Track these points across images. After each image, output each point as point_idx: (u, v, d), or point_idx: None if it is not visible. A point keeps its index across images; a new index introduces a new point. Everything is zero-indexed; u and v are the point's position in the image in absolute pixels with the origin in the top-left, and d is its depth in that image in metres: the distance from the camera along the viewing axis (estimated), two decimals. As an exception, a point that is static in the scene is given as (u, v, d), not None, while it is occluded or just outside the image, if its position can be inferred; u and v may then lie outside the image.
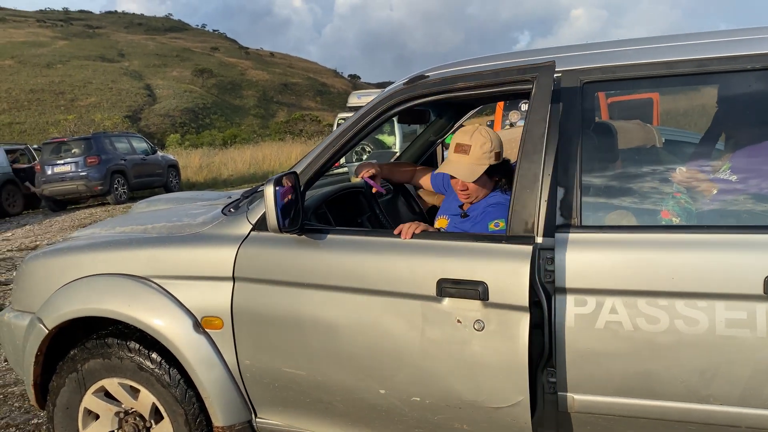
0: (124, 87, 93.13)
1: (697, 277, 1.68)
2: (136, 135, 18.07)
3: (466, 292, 1.84)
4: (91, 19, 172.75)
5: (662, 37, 1.91)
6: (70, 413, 2.53)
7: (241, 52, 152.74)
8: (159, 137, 64.21)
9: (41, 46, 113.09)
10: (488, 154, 2.27)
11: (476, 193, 2.36)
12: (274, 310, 2.14)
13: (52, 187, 14.39)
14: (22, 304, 2.64)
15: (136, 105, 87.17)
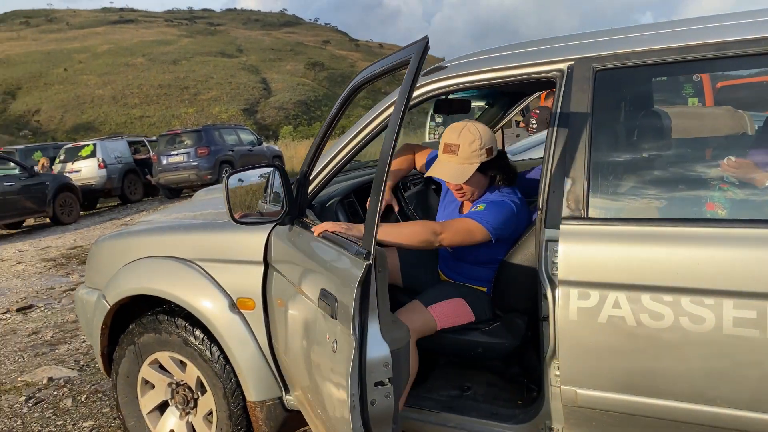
0: (242, 81, 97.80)
1: (703, 273, 1.60)
2: (244, 127, 19.01)
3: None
4: (213, 17, 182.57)
5: (682, 21, 1.81)
6: (130, 381, 2.79)
7: (351, 44, 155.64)
8: (273, 129, 67.06)
9: (168, 44, 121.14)
10: (478, 152, 2.21)
11: (471, 190, 2.30)
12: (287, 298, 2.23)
13: (167, 176, 15.48)
14: (92, 281, 2.93)
15: (253, 98, 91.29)
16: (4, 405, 3.86)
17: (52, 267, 8.76)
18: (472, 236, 2.15)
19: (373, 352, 1.58)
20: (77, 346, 5.00)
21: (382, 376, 1.59)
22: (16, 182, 12.28)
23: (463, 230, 2.15)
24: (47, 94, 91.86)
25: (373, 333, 1.58)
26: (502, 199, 2.24)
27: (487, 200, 2.26)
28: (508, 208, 2.21)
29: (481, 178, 2.29)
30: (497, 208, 2.19)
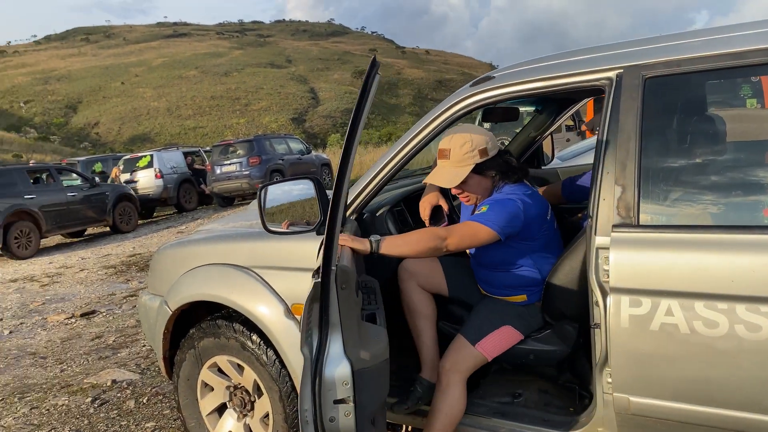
0: (290, 91, 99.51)
1: (760, 281, 1.58)
2: (293, 136, 19.34)
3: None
4: (262, 28, 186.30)
5: (733, 27, 1.79)
6: (190, 384, 2.90)
7: (397, 51, 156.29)
8: (321, 137, 67.94)
9: (220, 56, 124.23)
10: (470, 154, 2.23)
11: (474, 193, 2.32)
12: None
13: (221, 185, 15.88)
14: (154, 288, 3.07)
15: (301, 107, 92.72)
16: (72, 405, 4.06)
17: (113, 274, 9.11)
18: (477, 238, 2.16)
19: (331, 369, 1.58)
20: (138, 350, 5.20)
21: (342, 393, 1.59)
22: (78, 193, 12.83)
23: (467, 233, 2.15)
24: (106, 107, 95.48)
25: (333, 350, 1.59)
26: (504, 197, 2.23)
27: (491, 200, 2.25)
28: (511, 204, 2.20)
29: (482, 180, 2.31)
30: (500, 206, 2.18)
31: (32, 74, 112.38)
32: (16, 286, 8.84)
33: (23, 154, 42.41)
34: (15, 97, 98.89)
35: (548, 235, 2.33)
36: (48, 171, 13.03)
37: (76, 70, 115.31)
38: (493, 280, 2.44)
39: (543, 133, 3.41)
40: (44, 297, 7.90)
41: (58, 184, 12.71)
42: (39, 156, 40.76)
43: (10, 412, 4.06)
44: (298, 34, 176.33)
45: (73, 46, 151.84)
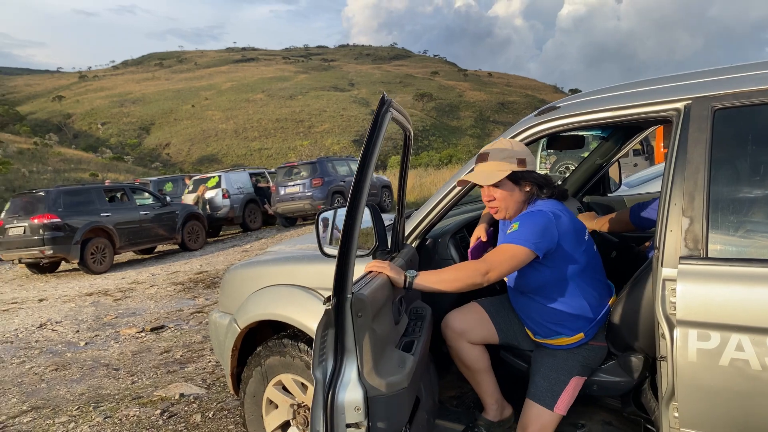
0: (353, 114, 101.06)
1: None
2: (355, 158, 19.64)
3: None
4: (327, 53, 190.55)
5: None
6: (256, 401, 2.99)
7: (459, 74, 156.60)
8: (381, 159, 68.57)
9: (285, 80, 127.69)
10: (509, 160, 2.18)
11: (505, 203, 2.24)
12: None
13: (284, 206, 16.26)
14: (224, 306, 3.20)
15: (363, 130, 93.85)
16: (143, 417, 4.23)
17: (181, 290, 9.45)
18: (517, 260, 2.08)
19: (343, 394, 1.62)
20: (204, 366, 5.37)
21: (354, 418, 1.61)
22: (150, 211, 13.41)
23: (504, 259, 2.07)
24: (177, 128, 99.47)
25: (348, 375, 1.63)
26: (534, 210, 2.18)
27: (521, 216, 2.19)
28: (542, 216, 2.13)
29: (515, 192, 2.24)
30: (530, 221, 2.12)
31: (110, 97, 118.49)
32: (91, 299, 9.29)
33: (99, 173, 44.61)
34: (93, 119, 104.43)
35: (588, 258, 2.24)
36: (123, 190, 13.68)
37: (150, 94, 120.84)
38: (537, 314, 2.32)
39: (609, 160, 3.38)
40: (117, 311, 8.26)
41: (132, 202, 13.32)
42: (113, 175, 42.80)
43: (85, 420, 4.27)
44: (361, 58, 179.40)
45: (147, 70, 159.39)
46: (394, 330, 2.00)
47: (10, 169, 31.07)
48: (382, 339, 1.79)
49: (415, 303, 2.43)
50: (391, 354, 1.85)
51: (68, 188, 12.69)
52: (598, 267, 2.32)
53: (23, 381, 5.36)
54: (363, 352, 1.66)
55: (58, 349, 6.41)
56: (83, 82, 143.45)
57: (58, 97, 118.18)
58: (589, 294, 2.24)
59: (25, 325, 7.68)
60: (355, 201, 1.69)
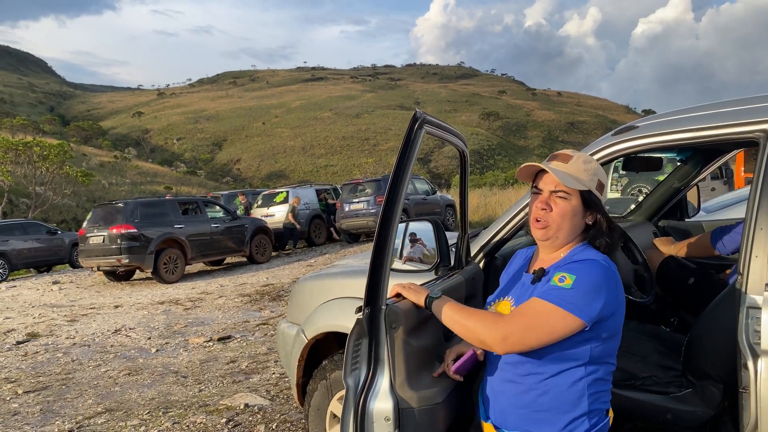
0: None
1: None
2: (419, 177, 19.68)
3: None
4: (394, 72, 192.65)
5: None
6: (320, 414, 3.02)
7: (527, 93, 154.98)
8: (446, 178, 68.53)
9: (352, 99, 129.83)
10: (591, 174, 1.69)
11: (561, 221, 1.67)
12: None
13: (348, 222, 16.44)
14: (292, 317, 3.26)
15: (428, 148, 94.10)
16: (209, 424, 4.34)
17: (248, 302, 9.67)
18: (557, 333, 1.54)
19: (374, 404, 1.63)
20: (268, 377, 5.47)
21: (384, 428, 1.62)
22: (221, 224, 13.83)
23: (541, 325, 1.54)
24: (247, 145, 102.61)
25: (380, 385, 1.64)
26: (590, 259, 1.62)
27: (576, 267, 1.60)
28: (603, 271, 1.59)
29: (578, 217, 1.68)
30: (589, 275, 1.56)
31: (185, 114, 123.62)
32: (163, 308, 9.63)
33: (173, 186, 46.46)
34: (170, 134, 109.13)
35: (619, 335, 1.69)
36: (196, 203, 14.18)
37: (223, 111, 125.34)
38: (529, 398, 1.65)
39: (687, 183, 3.27)
40: (187, 320, 8.54)
41: (204, 215, 13.79)
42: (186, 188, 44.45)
43: (155, 424, 4.42)
44: (428, 77, 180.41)
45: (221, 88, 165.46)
46: (443, 345, 2.00)
47: (92, 181, 32.81)
48: (422, 352, 1.80)
49: None
50: (433, 368, 1.87)
51: (145, 200, 13.27)
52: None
53: (98, 383, 5.61)
54: (396, 364, 1.68)
55: (131, 355, 6.67)
56: (161, 99, 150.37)
57: (137, 113, 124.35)
58: (601, 391, 1.66)
59: (101, 330, 8.04)
60: (388, 213, 1.71)
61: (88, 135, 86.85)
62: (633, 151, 2.13)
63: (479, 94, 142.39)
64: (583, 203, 1.68)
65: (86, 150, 65.74)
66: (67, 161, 28.35)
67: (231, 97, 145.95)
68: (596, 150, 2.21)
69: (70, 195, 31.36)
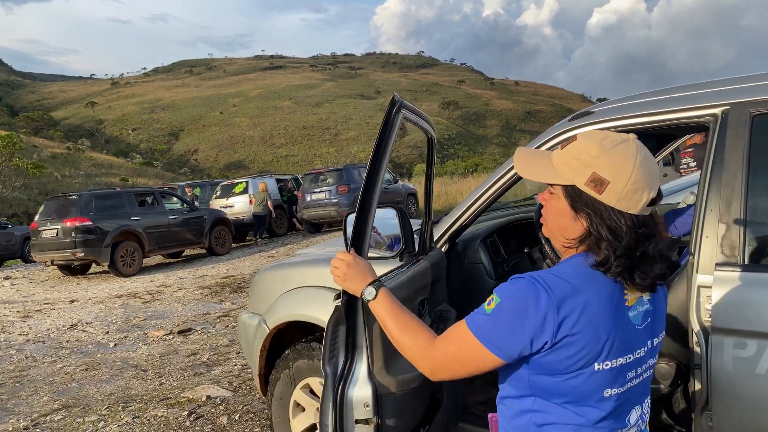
0: (378, 121, 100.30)
1: None
2: (382, 166, 19.68)
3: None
4: (354, 61, 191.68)
5: None
6: (283, 404, 3.01)
7: (486, 83, 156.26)
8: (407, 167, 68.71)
9: (312, 87, 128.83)
10: (581, 165, 1.22)
11: (551, 220, 1.32)
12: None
13: (310, 212, 16.36)
14: (253, 307, 3.23)
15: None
16: (170, 417, 4.28)
17: (208, 294, 9.55)
18: (477, 362, 1.26)
19: (353, 390, 1.63)
20: (230, 369, 5.42)
21: (363, 414, 1.62)
22: (179, 216, 13.59)
23: (460, 352, 1.28)
24: (205, 135, 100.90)
25: (358, 372, 1.64)
26: (517, 277, 1.25)
27: (501, 287, 1.26)
28: (525, 291, 1.21)
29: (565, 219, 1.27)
30: (507, 291, 1.23)
31: (140, 104, 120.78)
32: (121, 301, 9.44)
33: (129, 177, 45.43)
34: (125, 124, 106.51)
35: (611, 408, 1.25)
36: (153, 194, 13.90)
37: (179, 100, 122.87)
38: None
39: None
40: (146, 313, 8.39)
41: (162, 207, 13.52)
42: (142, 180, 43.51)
43: (114, 419, 4.34)
44: (388, 66, 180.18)
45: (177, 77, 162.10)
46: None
47: (44, 173, 31.83)
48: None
49: (440, 306, 2.44)
50: None
51: (100, 192, 12.94)
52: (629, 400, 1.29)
53: (54, 380, 5.47)
54: (374, 350, 1.67)
55: (89, 350, 6.53)
56: (115, 89, 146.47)
57: (90, 103, 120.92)
58: None
59: (56, 326, 7.83)
60: (366, 201, 1.71)
61: (38, 126, 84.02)
62: (588, 136, 2.16)
63: (439, 83, 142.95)
64: (569, 202, 1.26)
65: (37, 141, 63.64)
66: (16, 153, 27.41)
67: (187, 87, 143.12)
68: (553, 136, 2.24)
69: (21, 188, 30.42)
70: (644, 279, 1.21)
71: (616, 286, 1.23)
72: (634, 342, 1.24)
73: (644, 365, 1.29)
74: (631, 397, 1.27)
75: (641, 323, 1.26)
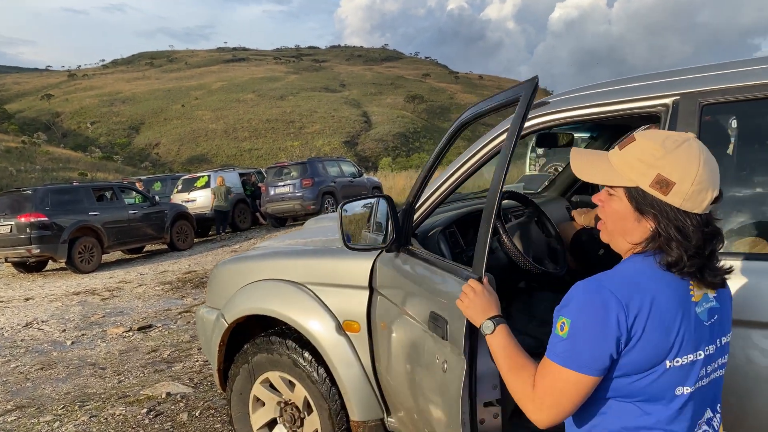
0: (344, 115, 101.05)
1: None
2: (346, 159, 19.64)
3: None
4: (318, 54, 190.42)
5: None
6: (243, 398, 2.98)
7: (450, 76, 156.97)
8: (373, 160, 68.71)
9: (276, 80, 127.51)
10: (645, 165, 1.22)
11: (611, 223, 1.31)
12: (391, 321, 2.33)
13: (274, 206, 16.22)
14: (212, 301, 3.18)
15: (354, 131, 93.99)
16: (129, 416, 4.20)
17: (169, 290, 9.40)
18: (576, 392, 1.23)
19: (482, 373, 1.63)
20: (191, 365, 5.34)
21: (490, 396, 1.63)
22: (139, 210, 13.32)
23: (557, 388, 1.23)
24: (166, 128, 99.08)
25: (483, 354, 1.63)
26: (579, 286, 1.27)
27: (568, 307, 1.25)
28: (591, 296, 1.23)
29: (628, 222, 1.27)
30: (575, 306, 1.24)
31: (99, 96, 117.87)
32: (78, 298, 9.22)
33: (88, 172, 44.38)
34: (83, 118, 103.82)
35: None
36: (111, 189, 13.59)
37: (140, 93, 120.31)
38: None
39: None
40: (104, 310, 8.21)
41: (121, 201, 13.23)
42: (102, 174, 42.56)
43: (70, 419, 4.23)
44: (352, 59, 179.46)
45: (138, 69, 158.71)
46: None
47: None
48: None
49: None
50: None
51: (56, 187, 12.59)
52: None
53: (8, 380, 5.31)
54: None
55: (44, 348, 6.36)
56: (72, 81, 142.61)
57: (46, 96, 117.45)
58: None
59: (11, 324, 7.61)
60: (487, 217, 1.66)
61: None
62: (545, 127, 2.17)
63: (404, 76, 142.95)
64: (636, 206, 1.24)
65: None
66: (-32, 147, 26.45)
67: (148, 79, 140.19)
68: (508, 127, 2.24)
69: (-27, 183, 29.40)
70: (715, 276, 1.24)
71: (682, 282, 1.23)
72: (703, 338, 1.24)
73: (714, 363, 1.28)
74: (703, 398, 1.27)
75: (708, 320, 1.26)
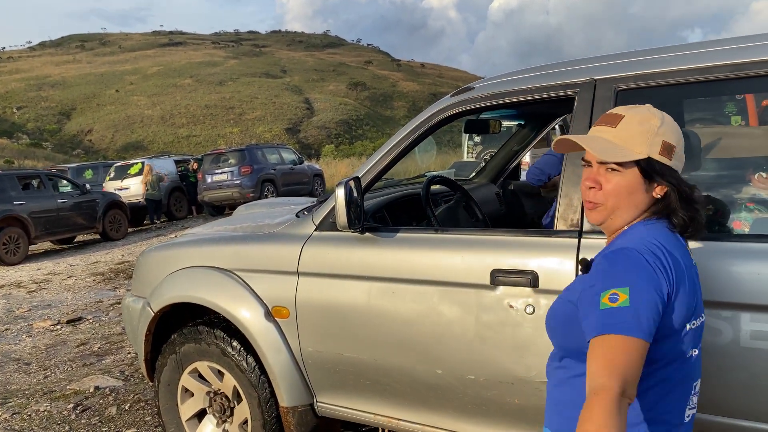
0: (285, 101, 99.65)
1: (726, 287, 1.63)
2: (286, 146, 19.42)
3: (518, 281, 1.92)
4: (258, 39, 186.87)
5: (705, 43, 1.85)
6: (171, 389, 2.91)
7: (393, 64, 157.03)
8: (316, 148, 68.17)
9: (215, 65, 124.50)
10: (650, 135, 1.29)
11: (616, 201, 1.31)
12: (335, 301, 2.34)
13: (211, 194, 15.89)
14: (138, 290, 3.09)
15: (296, 118, 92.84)
16: (54, 411, 4.05)
17: (101, 281, 9.09)
18: (633, 361, 1.14)
19: None
20: (122, 357, 5.20)
21: None
22: (69, 199, 12.79)
23: (617, 362, 1.13)
24: (99, 114, 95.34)
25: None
26: (621, 248, 1.27)
27: (605, 255, 1.29)
28: (636, 259, 1.23)
29: (639, 193, 1.31)
30: (629, 271, 1.22)
31: (26, 80, 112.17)
32: (2, 292, 8.80)
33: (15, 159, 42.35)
34: (8, 102, 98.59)
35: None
36: (38, 177, 13.00)
37: (70, 77, 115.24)
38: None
39: (525, 146, 3.46)
40: (31, 303, 7.87)
41: (49, 190, 12.67)
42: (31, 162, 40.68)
43: (-9, 416, 4.05)
44: (293, 44, 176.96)
45: (68, 52, 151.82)
46: None
47: None
48: None
49: None
50: None
51: (-24, 175, 11.94)
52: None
53: (-77, 378, 5.03)
54: None
55: (-36, 344, 6.05)
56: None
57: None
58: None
59: (-73, 320, 7.20)
60: None
61: None
62: (469, 111, 2.20)
63: (346, 63, 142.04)
64: (643, 175, 1.29)
65: None
66: None
67: (79, 62, 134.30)
68: (437, 111, 2.26)
69: None
70: (701, 232, 1.36)
71: (684, 245, 1.34)
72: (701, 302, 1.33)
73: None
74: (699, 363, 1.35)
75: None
